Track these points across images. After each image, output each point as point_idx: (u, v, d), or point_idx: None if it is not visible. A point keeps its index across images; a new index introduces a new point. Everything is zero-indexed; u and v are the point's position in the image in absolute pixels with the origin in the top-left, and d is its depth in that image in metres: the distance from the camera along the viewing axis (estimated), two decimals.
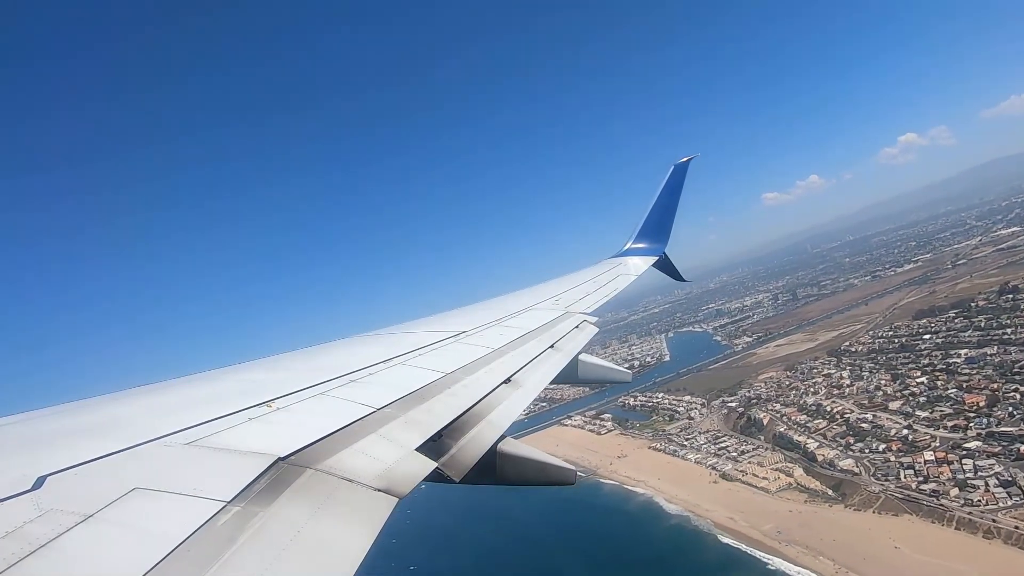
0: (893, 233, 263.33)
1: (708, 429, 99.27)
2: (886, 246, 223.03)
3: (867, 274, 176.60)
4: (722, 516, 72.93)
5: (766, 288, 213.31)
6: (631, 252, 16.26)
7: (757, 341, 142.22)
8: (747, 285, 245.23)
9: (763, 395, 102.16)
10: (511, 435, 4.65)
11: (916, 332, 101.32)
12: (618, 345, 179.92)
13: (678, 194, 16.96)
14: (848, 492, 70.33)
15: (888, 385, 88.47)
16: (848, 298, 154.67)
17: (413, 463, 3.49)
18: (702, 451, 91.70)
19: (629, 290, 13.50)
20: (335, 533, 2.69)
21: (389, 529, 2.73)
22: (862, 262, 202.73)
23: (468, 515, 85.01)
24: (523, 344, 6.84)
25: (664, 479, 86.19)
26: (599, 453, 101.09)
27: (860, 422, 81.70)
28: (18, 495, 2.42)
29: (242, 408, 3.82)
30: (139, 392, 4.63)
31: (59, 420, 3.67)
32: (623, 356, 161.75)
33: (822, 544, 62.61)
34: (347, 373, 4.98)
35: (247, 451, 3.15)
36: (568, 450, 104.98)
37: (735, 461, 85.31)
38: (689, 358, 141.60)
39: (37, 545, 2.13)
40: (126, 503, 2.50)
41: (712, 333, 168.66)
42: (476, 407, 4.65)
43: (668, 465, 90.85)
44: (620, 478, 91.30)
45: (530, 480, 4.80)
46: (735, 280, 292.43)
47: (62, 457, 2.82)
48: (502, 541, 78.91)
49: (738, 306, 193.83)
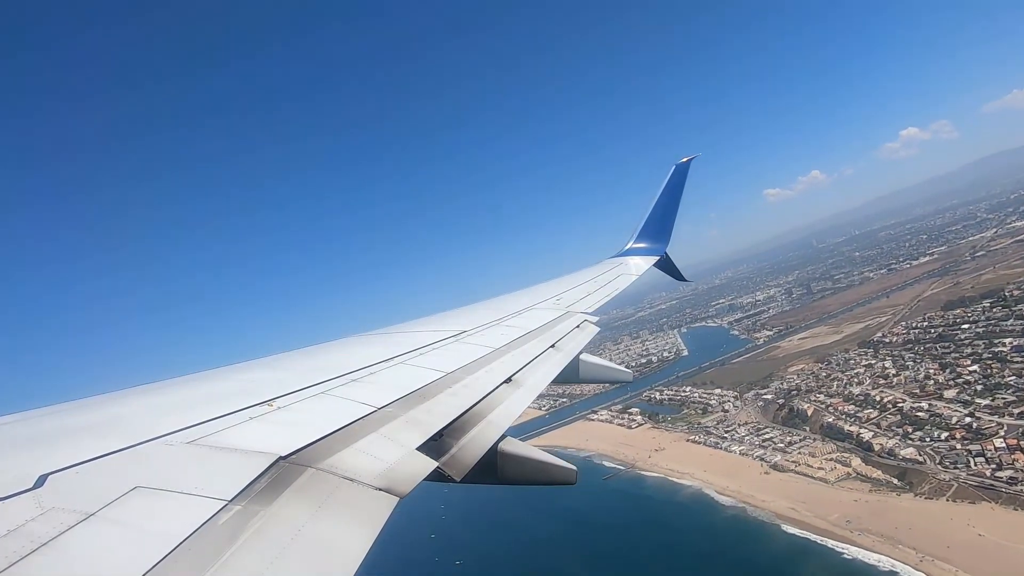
0: (900, 227, 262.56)
1: (746, 421, 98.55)
2: (895, 240, 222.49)
3: (881, 267, 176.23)
4: (782, 506, 72.13)
5: (776, 283, 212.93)
6: (632, 252, 16.29)
7: (778, 335, 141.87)
8: (755, 280, 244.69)
9: (802, 386, 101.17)
10: (515, 435, 4.66)
11: (953, 322, 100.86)
12: (630, 341, 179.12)
13: (679, 194, 16.99)
14: (915, 481, 69.35)
15: (938, 374, 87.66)
16: (866, 291, 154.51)
17: (414, 462, 3.49)
18: (745, 443, 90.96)
19: (635, 287, 13.59)
20: (336, 532, 2.69)
21: (427, 524, 2.71)
22: (873, 256, 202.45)
23: (510, 507, 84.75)
24: (524, 344, 6.85)
25: (711, 471, 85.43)
26: (634, 447, 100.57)
27: (915, 411, 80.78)
28: (20, 493, 2.43)
29: (243, 407, 3.82)
30: (140, 391, 4.64)
31: (60, 419, 3.67)
32: (638, 352, 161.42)
33: (899, 533, 61.61)
34: (348, 372, 4.98)
35: (248, 450, 3.15)
36: (600, 444, 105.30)
37: (784, 452, 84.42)
38: (709, 352, 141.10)
39: (39, 543, 2.13)
40: (127, 502, 2.50)
41: (728, 328, 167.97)
42: (477, 407, 4.66)
43: (712, 457, 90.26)
44: (663, 470, 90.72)
45: (531, 479, 4.81)
46: (741, 276, 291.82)
47: (63, 456, 2.82)
48: (555, 529, 78.50)
49: (751, 301, 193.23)
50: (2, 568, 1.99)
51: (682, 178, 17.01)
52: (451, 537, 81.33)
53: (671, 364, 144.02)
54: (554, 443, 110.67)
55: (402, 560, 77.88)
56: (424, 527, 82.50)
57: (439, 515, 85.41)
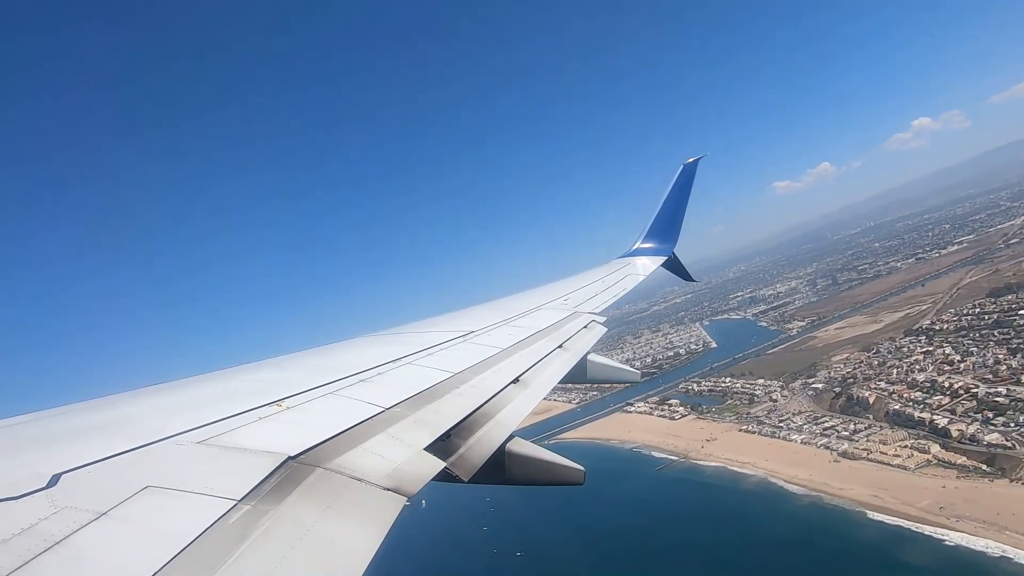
0: (917, 218, 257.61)
1: (800, 410, 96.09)
2: (915, 230, 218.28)
3: (907, 257, 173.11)
4: (862, 494, 70.13)
5: (795, 275, 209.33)
6: (639, 252, 16.26)
7: (811, 325, 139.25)
8: (771, 273, 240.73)
9: (857, 375, 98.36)
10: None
11: (1007, 308, 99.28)
12: (651, 335, 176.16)
13: (687, 194, 16.95)
14: (1007, 466, 67.16)
15: (1008, 359, 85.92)
16: (896, 281, 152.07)
17: (422, 462, 3.50)
18: (804, 432, 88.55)
19: (648, 280, 13.63)
20: (344, 532, 2.71)
21: (477, 517, 2.65)
22: (895, 246, 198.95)
23: (557, 499, 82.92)
24: (531, 344, 6.85)
25: (773, 460, 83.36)
26: (682, 437, 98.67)
27: (992, 396, 78.56)
28: (33, 492, 2.46)
29: (253, 407, 3.85)
30: (151, 391, 4.68)
31: (73, 419, 3.72)
32: (662, 345, 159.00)
33: (1001, 519, 59.19)
34: (356, 373, 5.01)
35: (258, 450, 3.17)
36: (645, 436, 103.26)
37: (850, 440, 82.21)
38: (739, 344, 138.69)
39: (52, 542, 2.16)
40: (138, 501, 2.53)
41: (754, 320, 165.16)
42: (484, 407, 4.66)
43: (770, 447, 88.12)
44: (720, 460, 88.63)
45: (539, 480, 4.81)
46: (755, 269, 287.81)
47: (76, 455, 2.86)
48: (620, 520, 76.68)
49: (772, 293, 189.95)
50: (17, 566, 2.01)
51: (690, 178, 16.97)
52: (506, 530, 79.17)
53: (700, 356, 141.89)
54: (594, 436, 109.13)
55: (458, 552, 77.02)
56: (474, 520, 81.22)
57: (486, 508, 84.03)
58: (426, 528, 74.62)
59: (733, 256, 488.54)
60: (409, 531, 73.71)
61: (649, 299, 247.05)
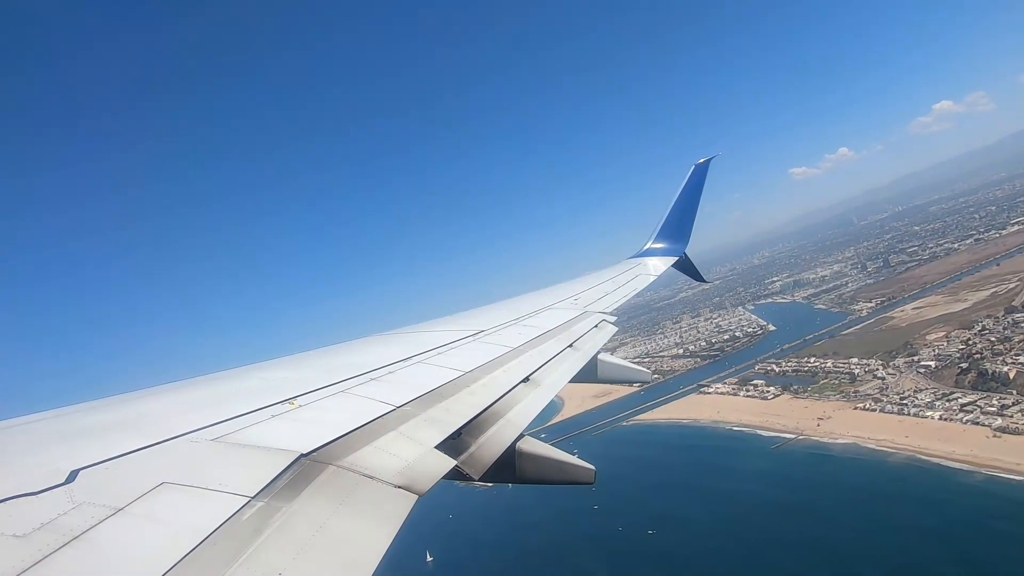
0: (950, 201, 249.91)
1: (920, 387, 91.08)
2: (955, 213, 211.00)
3: (961, 239, 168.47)
4: None
5: (833, 259, 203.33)
6: (650, 252, 16.23)
7: (881, 306, 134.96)
8: (803, 258, 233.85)
9: (983, 351, 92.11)
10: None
11: None
12: (691, 319, 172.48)
13: (698, 195, 16.88)
14: None
15: None
16: (961, 261, 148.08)
17: (433, 461, 3.52)
18: (938, 408, 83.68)
19: (671, 269, 13.61)
20: (356, 529, 2.74)
21: (582, 497, 2.50)
22: (939, 228, 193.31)
23: (680, 471, 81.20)
24: (542, 343, 6.85)
25: (915, 437, 78.00)
26: (786, 416, 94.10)
27: None
28: (52, 488, 2.51)
29: (266, 405, 3.89)
30: (166, 389, 4.74)
31: (90, 416, 3.77)
32: (710, 329, 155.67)
33: None
34: (368, 371, 5.03)
35: (271, 447, 3.20)
36: (739, 415, 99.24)
37: (1001, 416, 76.66)
38: (802, 326, 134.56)
39: (71, 537, 2.20)
40: (155, 497, 2.57)
41: (806, 302, 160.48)
42: (495, 406, 4.67)
43: (902, 424, 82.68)
44: (848, 437, 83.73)
45: (549, 479, 4.81)
46: (782, 254, 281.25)
47: (94, 452, 2.90)
48: (764, 493, 73.51)
49: (815, 277, 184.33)
50: (37, 560, 2.06)
51: (701, 178, 16.90)
52: (619, 506, 76.96)
53: (761, 338, 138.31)
54: (679, 416, 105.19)
55: (577, 535, 75.11)
56: (580, 500, 79.47)
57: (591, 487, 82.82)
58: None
59: (753, 242, 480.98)
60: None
61: (671, 286, 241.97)
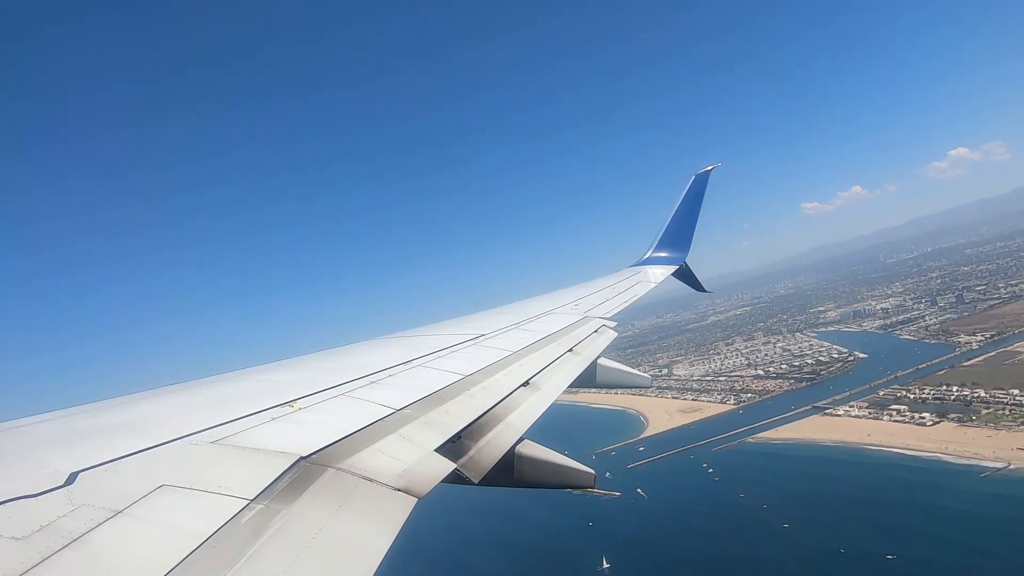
0: (988, 245, 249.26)
1: None
2: (1006, 255, 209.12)
3: None
4: None
5: (882, 293, 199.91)
6: (651, 261, 16.29)
7: (992, 341, 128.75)
8: (844, 291, 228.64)
9: None
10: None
11: None
12: (745, 341, 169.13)
13: (699, 204, 16.89)
14: None
15: None
16: None
17: (432, 464, 3.52)
18: None
19: (688, 294, 13.19)
20: (356, 531, 2.74)
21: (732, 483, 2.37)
22: (992, 269, 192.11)
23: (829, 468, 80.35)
24: (542, 348, 6.86)
25: None
26: (971, 444, 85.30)
27: None
28: (52, 490, 2.51)
29: (266, 408, 3.89)
30: (166, 392, 4.75)
31: (90, 418, 3.78)
32: (775, 354, 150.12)
33: None
34: (368, 374, 5.04)
35: (271, 450, 3.20)
36: (902, 439, 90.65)
37: None
38: (900, 356, 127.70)
39: (70, 539, 2.20)
40: (154, 499, 2.57)
41: (881, 332, 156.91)
42: (495, 409, 4.67)
43: None
44: None
45: (549, 483, 4.80)
46: (806, 285, 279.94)
47: (93, 454, 2.91)
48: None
49: (873, 308, 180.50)
50: (36, 562, 2.05)
51: (702, 188, 16.92)
52: (765, 495, 78.11)
53: (855, 366, 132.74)
54: (812, 436, 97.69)
55: (726, 518, 75.24)
56: (730, 487, 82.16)
57: (734, 478, 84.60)
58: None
59: (767, 271, 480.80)
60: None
61: (691, 309, 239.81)
